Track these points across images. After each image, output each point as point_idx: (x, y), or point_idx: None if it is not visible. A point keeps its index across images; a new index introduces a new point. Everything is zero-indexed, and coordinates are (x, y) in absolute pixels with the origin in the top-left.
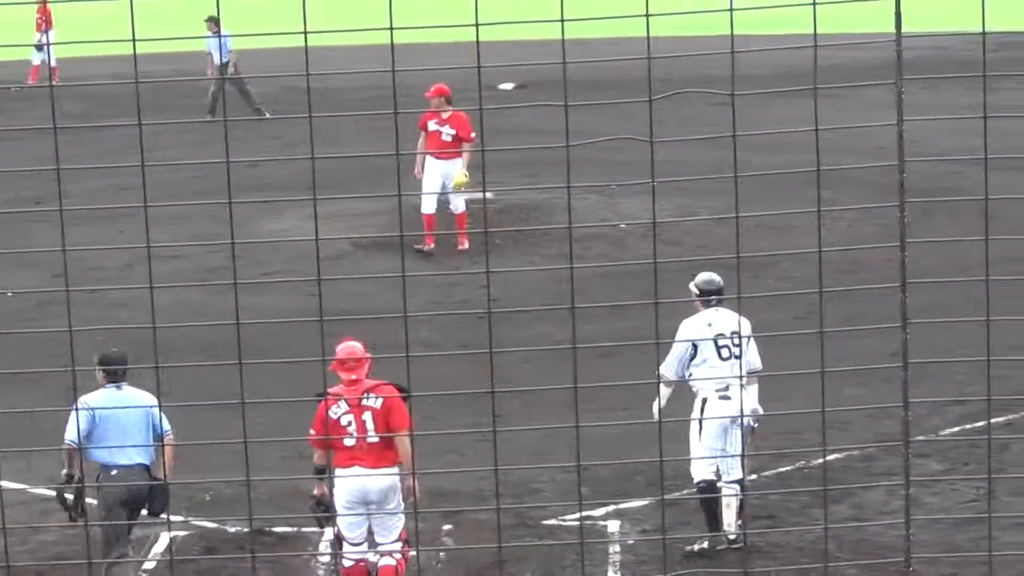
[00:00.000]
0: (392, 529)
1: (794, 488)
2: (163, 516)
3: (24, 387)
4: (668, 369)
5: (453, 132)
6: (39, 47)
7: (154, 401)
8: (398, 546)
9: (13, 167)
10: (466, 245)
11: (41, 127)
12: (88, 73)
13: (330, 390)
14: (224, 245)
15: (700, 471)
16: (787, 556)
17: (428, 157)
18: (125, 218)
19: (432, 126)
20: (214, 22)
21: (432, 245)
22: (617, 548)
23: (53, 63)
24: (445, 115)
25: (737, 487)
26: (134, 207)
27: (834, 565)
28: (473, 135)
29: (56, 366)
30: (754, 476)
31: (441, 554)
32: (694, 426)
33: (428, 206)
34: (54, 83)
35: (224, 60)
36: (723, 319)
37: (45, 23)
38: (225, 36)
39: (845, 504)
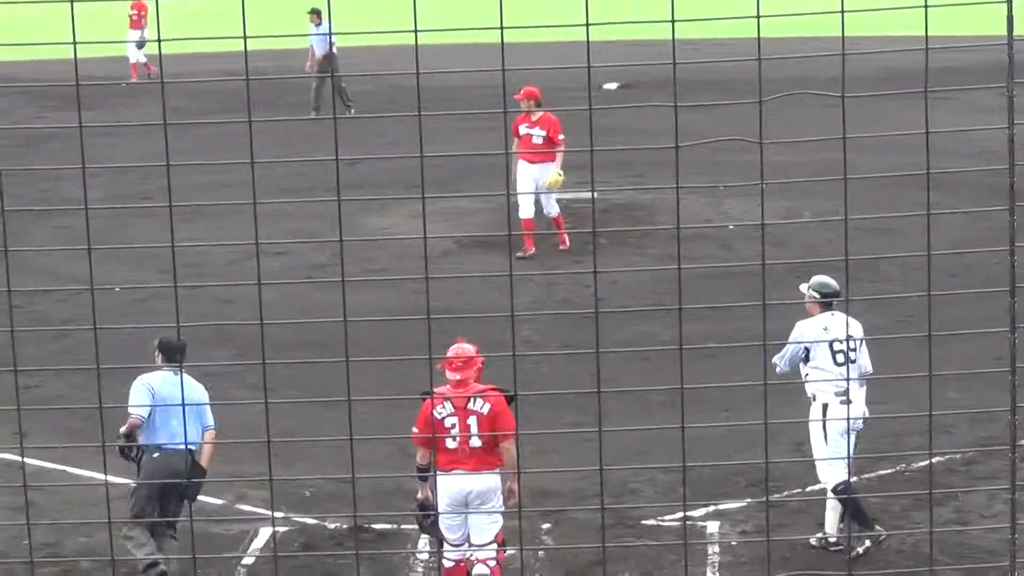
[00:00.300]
0: (488, 531)
1: (894, 491)
2: (244, 511)
3: (120, 382)
4: (780, 361)
5: (544, 134)
6: (139, 45)
7: (206, 394)
8: (493, 549)
9: (119, 162)
10: (567, 244)
11: (150, 123)
12: (184, 69)
13: (436, 389)
14: (326, 242)
15: (835, 474)
16: (888, 560)
17: (521, 161)
18: (226, 215)
19: (523, 130)
20: (316, 14)
21: (532, 250)
22: (717, 549)
23: (143, 59)
24: (535, 117)
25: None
26: (238, 204)
27: (939, 568)
28: (562, 136)
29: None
30: (855, 479)
31: (540, 553)
32: (817, 429)
33: (525, 210)
34: (147, 80)
35: (326, 52)
36: (839, 323)
37: (142, 20)
38: (327, 26)
39: (947, 508)
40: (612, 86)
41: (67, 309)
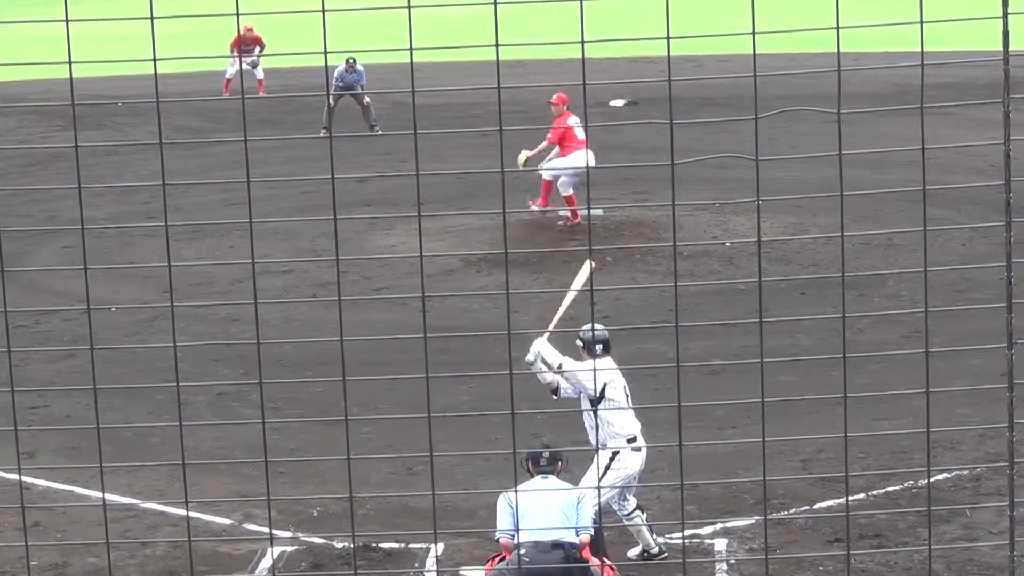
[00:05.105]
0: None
1: (900, 508)
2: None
3: (130, 401)
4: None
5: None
6: (252, 65)
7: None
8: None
9: (126, 182)
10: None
11: (150, 143)
12: (200, 88)
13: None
14: (327, 260)
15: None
16: None
17: (576, 152)
18: (236, 232)
19: (571, 122)
20: (352, 62)
21: (578, 220)
22: (724, 567)
23: (260, 75)
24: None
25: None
26: (238, 222)
27: None
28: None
29: (163, 381)
30: (862, 495)
31: None
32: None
33: (566, 188)
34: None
35: (357, 92)
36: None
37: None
38: (361, 72)
39: (954, 524)
40: (619, 103)
41: (74, 328)
